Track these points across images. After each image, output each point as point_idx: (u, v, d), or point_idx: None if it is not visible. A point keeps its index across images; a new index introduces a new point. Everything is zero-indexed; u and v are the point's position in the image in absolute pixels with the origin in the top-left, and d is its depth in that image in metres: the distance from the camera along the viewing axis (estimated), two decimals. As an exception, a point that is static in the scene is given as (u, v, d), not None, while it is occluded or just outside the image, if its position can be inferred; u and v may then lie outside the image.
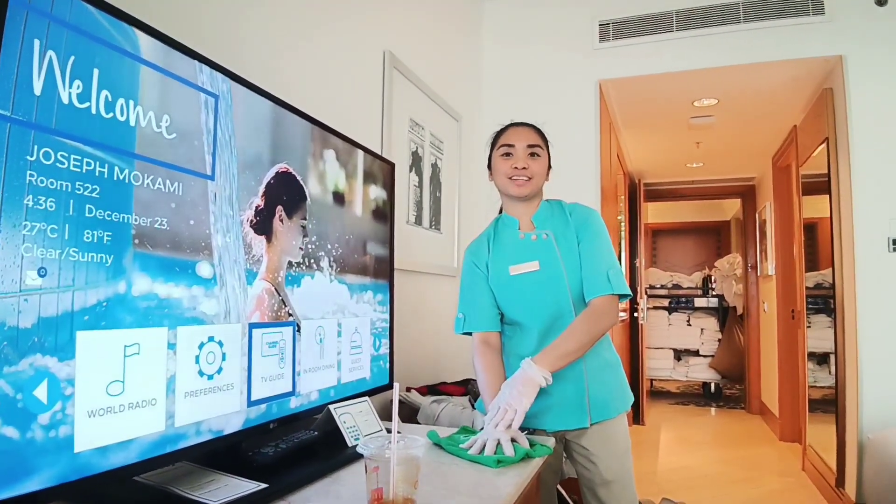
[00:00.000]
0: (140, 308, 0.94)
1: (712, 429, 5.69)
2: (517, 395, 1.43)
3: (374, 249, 1.77)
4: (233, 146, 1.16)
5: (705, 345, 7.41)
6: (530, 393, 1.44)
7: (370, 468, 0.93)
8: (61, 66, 0.83)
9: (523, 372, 1.47)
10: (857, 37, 3.03)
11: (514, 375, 1.48)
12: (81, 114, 0.86)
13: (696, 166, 5.97)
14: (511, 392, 1.44)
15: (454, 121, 3.16)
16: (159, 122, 0.98)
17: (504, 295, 1.67)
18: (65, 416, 0.82)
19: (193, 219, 1.05)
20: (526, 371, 1.47)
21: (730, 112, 4.18)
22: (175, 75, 1.03)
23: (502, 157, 1.67)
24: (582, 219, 1.68)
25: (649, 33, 3.36)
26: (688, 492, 3.64)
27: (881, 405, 2.90)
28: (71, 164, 0.84)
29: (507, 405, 1.41)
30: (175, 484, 1.07)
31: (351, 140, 1.65)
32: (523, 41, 3.61)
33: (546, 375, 1.46)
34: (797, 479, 3.95)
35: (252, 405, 1.21)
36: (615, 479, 1.64)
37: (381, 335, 1.80)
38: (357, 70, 2.24)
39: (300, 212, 1.39)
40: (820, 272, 3.99)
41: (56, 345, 0.81)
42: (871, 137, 2.98)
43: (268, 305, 1.27)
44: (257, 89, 1.26)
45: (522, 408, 1.41)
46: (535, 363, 1.47)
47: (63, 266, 0.83)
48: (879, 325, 2.93)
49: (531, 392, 1.44)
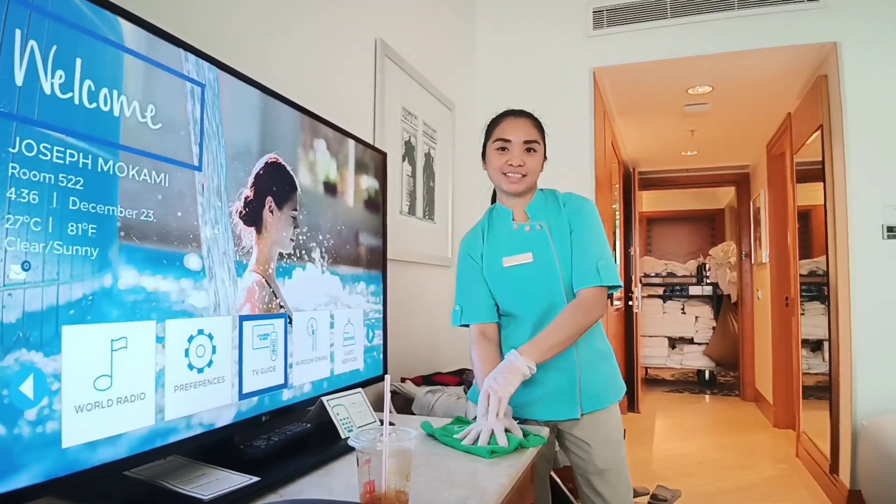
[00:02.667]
0: (127, 302, 0.93)
1: (707, 416, 5.72)
2: (502, 381, 1.42)
3: (367, 240, 1.75)
4: (220, 136, 1.14)
5: (700, 332, 7.44)
6: (514, 381, 1.43)
7: (362, 461, 0.92)
8: (43, 57, 0.82)
9: (507, 361, 1.47)
10: (852, 23, 3.02)
11: (499, 365, 1.48)
12: (64, 104, 0.84)
13: (691, 154, 5.97)
14: (495, 379, 1.44)
15: (447, 110, 3.14)
16: (144, 112, 0.97)
17: (498, 286, 1.66)
18: (52, 412, 0.81)
19: (181, 210, 1.04)
20: (510, 360, 1.46)
21: (724, 99, 4.17)
22: (160, 64, 1.01)
23: (497, 151, 1.64)
24: (575, 209, 1.67)
25: (643, 20, 3.34)
26: (682, 479, 3.65)
27: (875, 392, 2.91)
28: (54, 156, 0.83)
29: (490, 391, 1.41)
30: (166, 478, 1.07)
31: (342, 129, 1.64)
32: (517, 29, 3.59)
33: (531, 366, 1.46)
34: (791, 466, 3.98)
35: (243, 398, 1.20)
36: (609, 467, 1.64)
37: (375, 326, 1.79)
38: (348, 58, 2.21)
39: (290, 202, 1.37)
40: (814, 259, 3.99)
41: (41, 339, 0.80)
42: (865, 125, 2.98)
43: (258, 297, 1.26)
44: (245, 78, 1.24)
45: (506, 394, 1.41)
46: (520, 354, 1.47)
47: (47, 259, 0.81)
48: (873, 312, 2.94)
49: (515, 380, 1.44)
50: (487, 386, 1.43)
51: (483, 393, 1.43)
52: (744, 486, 3.59)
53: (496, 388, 1.41)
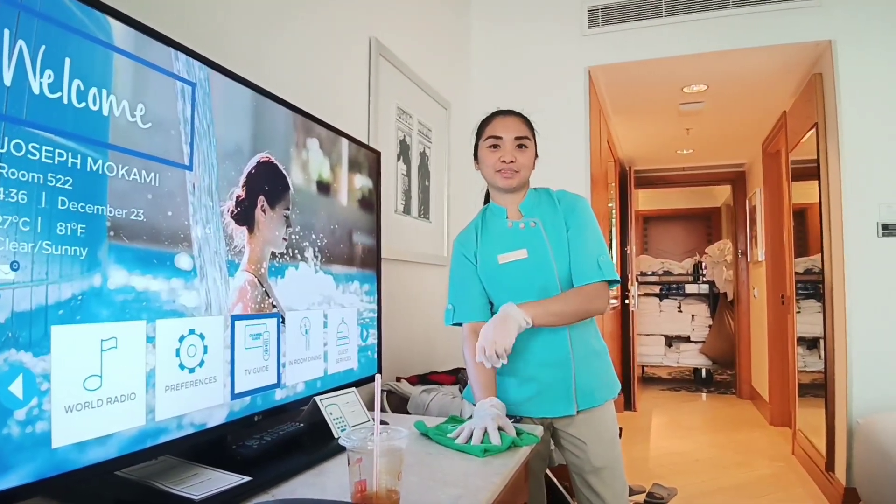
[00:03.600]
0: (116, 301, 0.92)
1: (703, 414, 5.73)
2: (500, 330, 1.41)
3: (361, 239, 1.75)
4: (212, 136, 1.14)
5: (696, 331, 7.45)
6: (510, 328, 1.42)
7: (353, 460, 0.92)
8: (32, 56, 0.81)
9: (503, 311, 1.45)
10: (847, 21, 3.02)
11: (494, 317, 1.47)
12: (53, 104, 0.84)
13: (687, 153, 5.97)
14: (492, 329, 1.42)
15: (443, 109, 3.14)
16: (133, 111, 0.96)
17: (493, 283, 1.66)
18: (41, 412, 0.81)
19: (171, 210, 1.03)
20: (506, 311, 1.45)
21: (719, 98, 4.17)
22: (149, 63, 1.01)
23: (489, 149, 1.65)
24: (570, 206, 1.67)
25: (638, 19, 3.34)
26: (679, 477, 3.66)
27: (870, 389, 2.92)
28: (43, 156, 0.82)
29: (490, 342, 1.40)
30: (157, 478, 1.06)
31: (335, 128, 1.63)
32: (512, 28, 3.58)
33: (527, 318, 1.44)
34: (787, 464, 3.99)
35: (236, 398, 1.20)
36: (604, 465, 1.64)
37: (369, 325, 1.79)
38: (343, 57, 2.21)
39: (283, 202, 1.37)
40: (809, 258, 4.00)
41: (31, 339, 0.80)
42: (860, 122, 2.98)
43: (251, 297, 1.26)
44: (237, 77, 1.23)
45: (506, 342, 1.40)
46: (518, 307, 1.46)
47: (36, 259, 0.81)
48: (869, 310, 2.95)
49: (511, 327, 1.42)
50: (483, 337, 1.41)
51: (479, 346, 1.41)
52: (740, 484, 3.60)
53: (497, 339, 1.40)
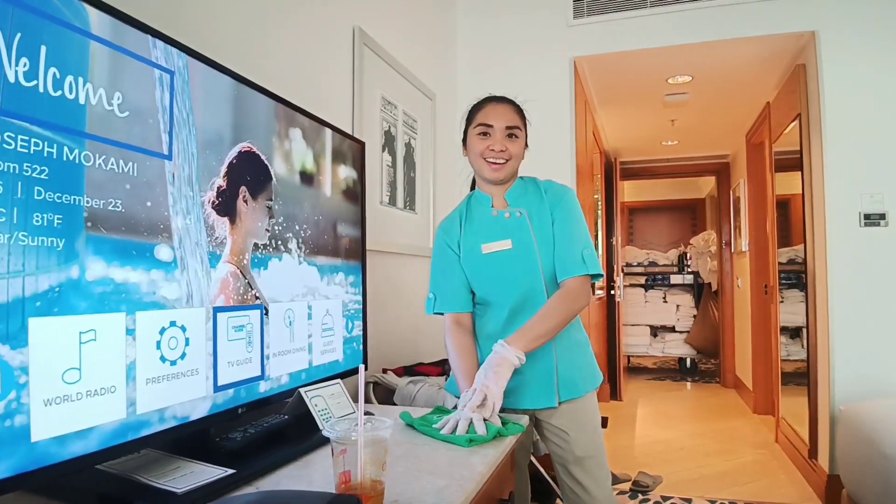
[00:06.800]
0: (95, 293, 0.91)
1: (688, 403, 5.78)
2: (493, 376, 1.42)
3: (345, 230, 1.74)
4: (191, 125, 1.12)
5: (681, 321, 7.51)
6: (505, 374, 1.43)
7: (337, 451, 0.92)
8: (6, 44, 0.79)
9: (496, 354, 1.46)
10: (830, 12, 3.04)
11: (488, 358, 1.47)
12: (28, 92, 0.82)
13: (672, 144, 6.00)
14: (486, 374, 1.43)
15: (428, 99, 3.13)
16: (111, 99, 0.95)
17: (476, 273, 1.66)
18: (20, 405, 0.80)
19: (150, 200, 1.02)
20: (499, 352, 1.46)
21: (704, 89, 4.19)
22: (127, 51, 0.99)
23: (479, 137, 1.63)
24: (557, 197, 1.66)
25: (623, 9, 3.34)
26: (664, 465, 3.69)
27: (852, 377, 2.95)
28: (18, 145, 0.81)
29: (482, 387, 1.41)
30: (140, 472, 1.05)
31: (318, 118, 1.62)
32: (497, 18, 3.57)
33: (520, 355, 1.46)
34: (771, 451, 4.03)
35: (219, 390, 1.19)
36: (587, 455, 1.65)
37: (354, 317, 1.78)
38: (326, 47, 2.19)
39: (265, 192, 1.36)
40: (793, 248, 4.04)
41: (7, 332, 0.78)
42: (843, 113, 3.00)
43: (233, 289, 1.24)
44: (216, 65, 1.21)
45: (498, 389, 1.41)
46: (508, 344, 1.47)
47: (12, 251, 0.79)
48: (851, 299, 2.98)
49: (506, 373, 1.44)
50: (480, 384, 1.42)
51: (479, 391, 1.41)
52: (724, 472, 3.63)
53: (489, 385, 1.40)
